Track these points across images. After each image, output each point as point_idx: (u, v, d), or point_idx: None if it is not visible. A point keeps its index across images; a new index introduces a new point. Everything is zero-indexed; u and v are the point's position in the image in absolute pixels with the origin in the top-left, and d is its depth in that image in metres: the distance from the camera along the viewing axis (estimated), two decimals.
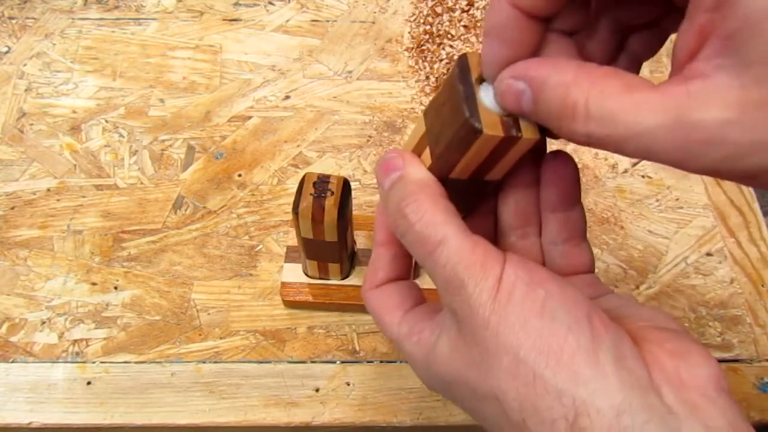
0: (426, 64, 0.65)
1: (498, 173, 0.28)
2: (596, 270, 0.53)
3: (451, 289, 0.25)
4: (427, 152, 0.27)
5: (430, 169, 0.27)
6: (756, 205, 0.58)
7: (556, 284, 0.24)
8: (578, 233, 0.30)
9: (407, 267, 0.31)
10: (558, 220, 0.30)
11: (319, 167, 0.58)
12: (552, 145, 0.31)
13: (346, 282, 0.50)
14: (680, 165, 0.22)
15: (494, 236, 0.31)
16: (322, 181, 0.43)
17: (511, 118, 0.25)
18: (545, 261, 0.31)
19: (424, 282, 0.50)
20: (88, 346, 0.49)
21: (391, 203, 0.27)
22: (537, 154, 0.29)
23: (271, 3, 0.70)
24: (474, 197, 0.29)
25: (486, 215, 0.31)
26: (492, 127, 0.24)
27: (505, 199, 0.30)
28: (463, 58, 0.25)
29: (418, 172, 0.27)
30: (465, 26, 0.67)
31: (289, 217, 0.55)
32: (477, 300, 0.24)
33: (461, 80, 0.25)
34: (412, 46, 0.67)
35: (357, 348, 0.49)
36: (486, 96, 0.25)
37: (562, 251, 0.30)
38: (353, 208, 0.47)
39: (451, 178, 0.27)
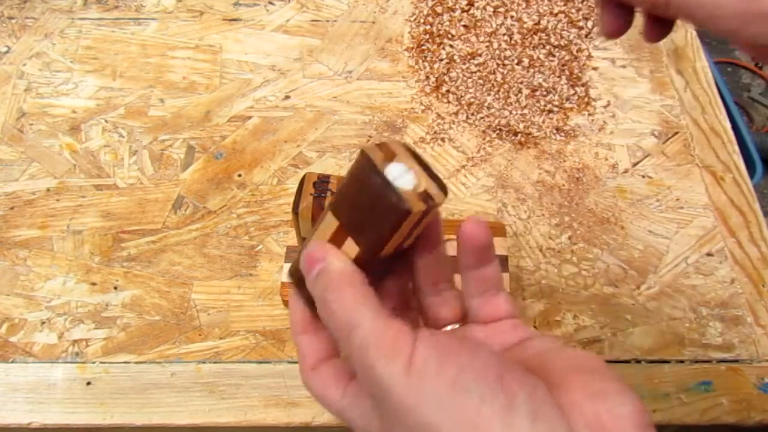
0: (426, 63, 0.65)
1: (412, 239, 0.31)
2: (596, 270, 0.53)
3: (365, 370, 0.26)
4: (349, 242, 0.30)
5: (360, 255, 0.29)
6: (756, 206, 0.58)
7: (467, 355, 0.25)
8: (494, 285, 0.32)
9: (333, 344, 0.32)
10: (474, 277, 0.31)
11: (319, 167, 0.58)
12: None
13: None
14: (736, 34, 0.27)
15: (410, 293, 0.33)
16: (322, 181, 0.43)
17: (423, 190, 0.28)
18: (468, 311, 0.32)
19: None
20: (87, 346, 0.48)
21: (316, 292, 0.29)
22: (435, 216, 0.31)
23: (271, 3, 0.70)
24: (391, 264, 0.32)
25: (400, 276, 0.33)
26: (416, 204, 0.27)
27: (416, 264, 0.32)
28: (364, 153, 0.28)
29: (338, 262, 0.29)
30: (465, 26, 0.67)
31: (289, 217, 0.55)
32: (389, 380, 0.25)
33: (372, 172, 0.27)
34: (412, 46, 0.67)
35: None
36: (397, 178, 0.27)
37: (481, 302, 0.31)
38: None
39: (380, 257, 0.30)
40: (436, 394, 0.24)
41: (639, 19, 0.35)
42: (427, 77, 0.64)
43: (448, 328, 0.32)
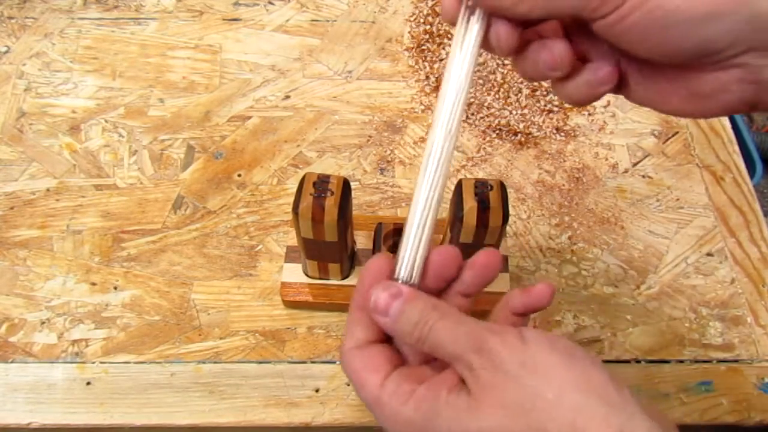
0: (426, 63, 0.65)
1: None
2: (596, 270, 0.54)
3: (475, 345, 0.28)
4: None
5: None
6: (757, 205, 0.58)
7: (567, 340, 0.29)
8: None
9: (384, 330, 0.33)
10: (512, 320, 0.34)
11: (319, 167, 0.58)
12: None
13: (346, 282, 0.50)
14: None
15: None
16: (322, 181, 0.43)
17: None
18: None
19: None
20: (87, 346, 0.48)
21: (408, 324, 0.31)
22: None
23: (271, 3, 0.70)
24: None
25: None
26: None
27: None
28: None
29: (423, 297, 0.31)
30: None
31: (289, 217, 0.55)
32: (505, 348, 0.28)
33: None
34: (412, 45, 0.67)
35: None
36: None
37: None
38: (353, 208, 0.47)
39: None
40: (554, 359, 0.28)
41: None
42: (427, 77, 0.64)
43: None
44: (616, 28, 0.28)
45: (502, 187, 0.43)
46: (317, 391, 0.47)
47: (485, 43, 0.31)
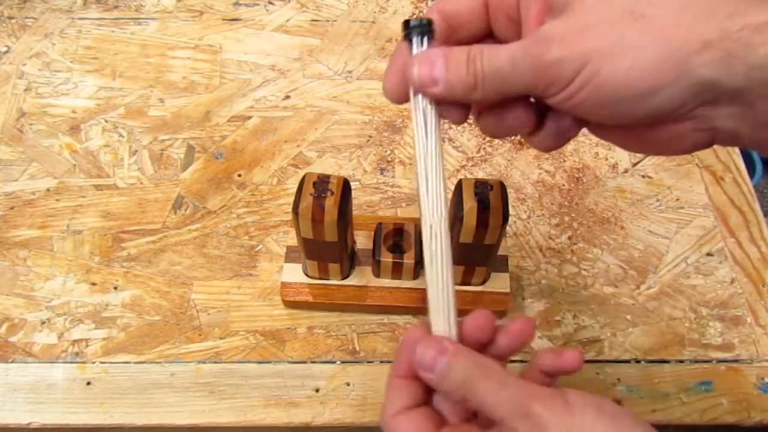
0: None
1: None
2: (596, 270, 0.54)
3: (521, 410, 0.29)
4: None
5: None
6: (756, 205, 0.58)
7: (613, 404, 0.29)
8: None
9: (426, 393, 0.33)
10: (542, 379, 0.34)
11: (319, 167, 0.58)
12: None
13: (346, 282, 0.50)
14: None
15: None
16: (322, 181, 0.43)
17: None
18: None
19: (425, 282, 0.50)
20: (87, 346, 0.48)
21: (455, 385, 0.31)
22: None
23: (271, 3, 0.70)
24: None
25: None
26: None
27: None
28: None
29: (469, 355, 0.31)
30: None
31: (289, 217, 0.55)
32: (551, 413, 0.28)
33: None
34: None
35: (357, 348, 0.49)
36: None
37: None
38: (353, 208, 0.47)
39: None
40: (600, 424, 0.28)
41: None
42: None
43: None
44: (567, 104, 0.29)
45: (502, 187, 0.43)
46: (317, 391, 0.47)
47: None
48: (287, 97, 0.63)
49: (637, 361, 0.49)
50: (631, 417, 0.29)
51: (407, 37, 0.32)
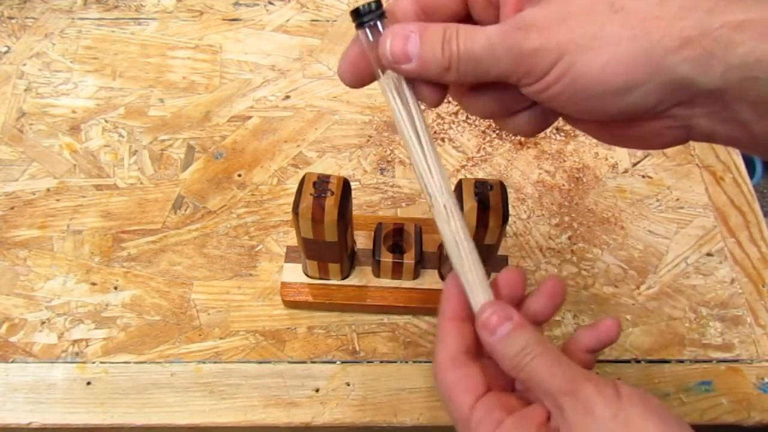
0: None
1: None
2: (596, 270, 0.54)
3: (570, 388, 0.29)
4: None
5: None
6: (756, 206, 0.58)
7: (658, 400, 0.29)
8: (590, 368, 0.34)
9: (476, 342, 0.33)
10: (585, 359, 0.34)
11: (319, 167, 0.58)
12: None
13: (346, 282, 0.50)
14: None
15: None
16: (322, 181, 0.43)
17: None
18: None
19: (424, 282, 0.50)
20: (87, 346, 0.48)
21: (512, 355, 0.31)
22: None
23: (271, 3, 0.70)
24: None
25: None
26: None
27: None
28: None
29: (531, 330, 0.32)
30: None
31: (289, 217, 0.55)
32: (600, 397, 0.28)
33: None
34: None
35: (357, 348, 0.49)
36: None
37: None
38: (353, 208, 0.47)
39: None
40: (646, 417, 0.28)
41: None
42: None
43: None
44: (542, 95, 0.29)
45: (502, 187, 0.43)
46: (317, 391, 0.47)
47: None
48: (287, 97, 0.63)
49: (637, 361, 0.49)
50: (675, 416, 0.29)
51: (360, 26, 0.31)
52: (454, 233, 0.33)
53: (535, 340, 0.30)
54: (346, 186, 0.43)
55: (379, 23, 0.31)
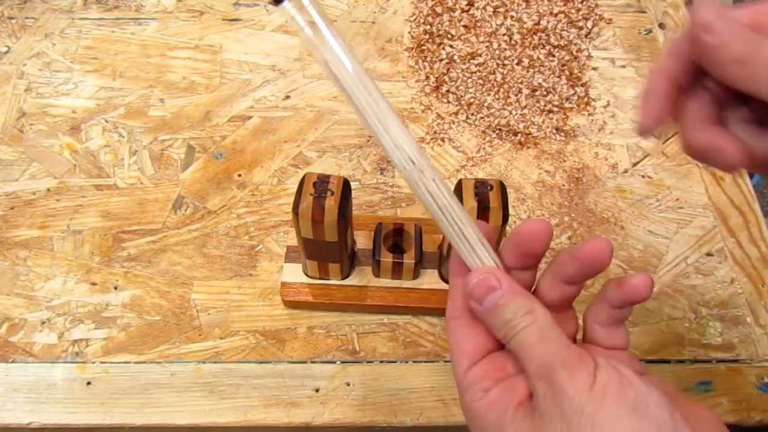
0: (426, 64, 0.65)
1: None
2: None
3: (545, 373, 0.28)
4: None
5: None
6: (756, 206, 0.58)
7: (644, 385, 0.27)
8: (622, 321, 0.33)
9: (490, 338, 0.33)
10: (613, 313, 0.32)
11: (319, 167, 0.58)
12: None
13: (346, 282, 0.50)
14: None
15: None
16: (322, 181, 0.43)
17: None
18: (586, 333, 0.34)
19: (424, 282, 0.50)
20: (87, 346, 0.48)
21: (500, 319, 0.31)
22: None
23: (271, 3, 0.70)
24: None
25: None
26: None
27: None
28: None
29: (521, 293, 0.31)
30: (465, 26, 0.67)
31: (289, 217, 0.55)
32: (571, 387, 0.27)
33: None
34: (412, 46, 0.67)
35: (357, 348, 0.49)
36: None
37: (607, 333, 0.33)
38: (353, 208, 0.47)
39: None
40: (617, 412, 0.26)
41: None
42: (427, 77, 0.64)
43: None
44: None
45: (502, 187, 0.43)
46: (317, 391, 0.47)
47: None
48: (287, 97, 0.63)
49: None
50: (658, 413, 0.27)
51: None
52: (434, 195, 0.31)
53: (525, 311, 0.30)
54: (346, 186, 0.43)
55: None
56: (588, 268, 0.31)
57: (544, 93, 0.63)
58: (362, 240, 0.52)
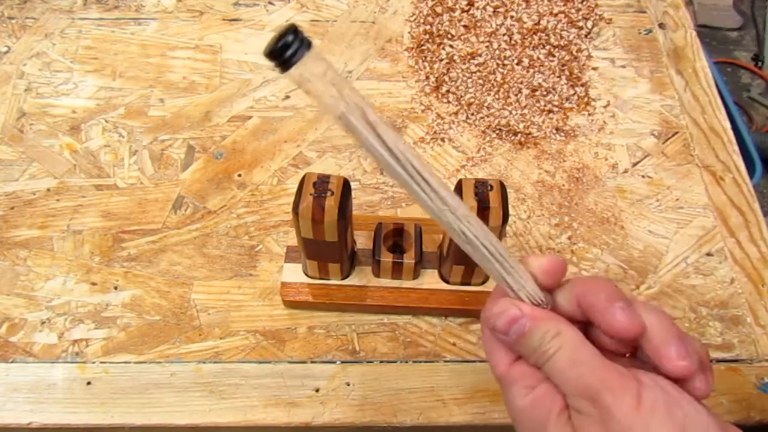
0: (426, 64, 0.65)
1: None
2: (596, 270, 0.53)
3: (587, 395, 0.28)
4: None
5: None
6: (756, 205, 0.58)
7: (691, 405, 0.27)
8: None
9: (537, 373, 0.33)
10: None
11: (319, 167, 0.58)
12: None
13: (346, 282, 0.50)
14: None
15: None
16: (322, 181, 0.43)
17: None
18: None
19: (424, 282, 0.50)
20: (87, 346, 0.48)
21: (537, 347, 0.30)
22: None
23: (271, 3, 0.70)
24: None
25: None
26: None
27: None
28: None
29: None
30: (465, 26, 0.67)
31: (289, 217, 0.55)
32: (618, 410, 0.27)
33: None
34: (412, 46, 0.67)
35: (357, 348, 0.49)
36: None
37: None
38: (353, 208, 0.47)
39: None
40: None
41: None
42: (427, 77, 0.64)
43: None
44: None
45: (502, 187, 0.43)
46: (317, 391, 0.47)
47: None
48: (287, 97, 0.63)
49: None
50: (706, 427, 0.27)
51: (287, 67, 0.26)
52: (478, 237, 0.32)
53: (551, 335, 0.30)
54: (346, 186, 0.43)
55: (306, 53, 0.26)
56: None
57: (544, 93, 0.63)
58: (362, 240, 0.52)
